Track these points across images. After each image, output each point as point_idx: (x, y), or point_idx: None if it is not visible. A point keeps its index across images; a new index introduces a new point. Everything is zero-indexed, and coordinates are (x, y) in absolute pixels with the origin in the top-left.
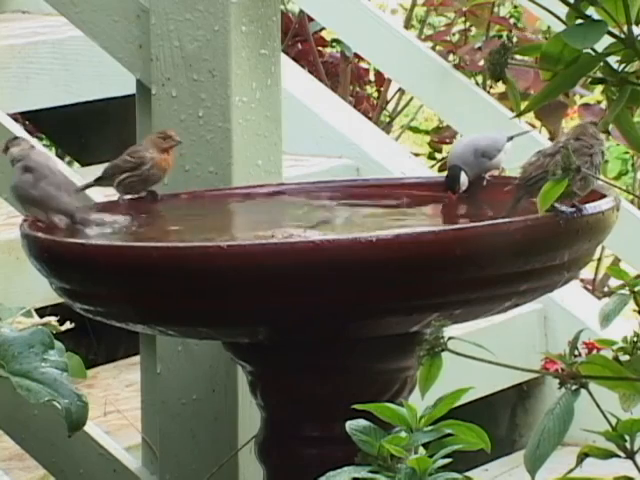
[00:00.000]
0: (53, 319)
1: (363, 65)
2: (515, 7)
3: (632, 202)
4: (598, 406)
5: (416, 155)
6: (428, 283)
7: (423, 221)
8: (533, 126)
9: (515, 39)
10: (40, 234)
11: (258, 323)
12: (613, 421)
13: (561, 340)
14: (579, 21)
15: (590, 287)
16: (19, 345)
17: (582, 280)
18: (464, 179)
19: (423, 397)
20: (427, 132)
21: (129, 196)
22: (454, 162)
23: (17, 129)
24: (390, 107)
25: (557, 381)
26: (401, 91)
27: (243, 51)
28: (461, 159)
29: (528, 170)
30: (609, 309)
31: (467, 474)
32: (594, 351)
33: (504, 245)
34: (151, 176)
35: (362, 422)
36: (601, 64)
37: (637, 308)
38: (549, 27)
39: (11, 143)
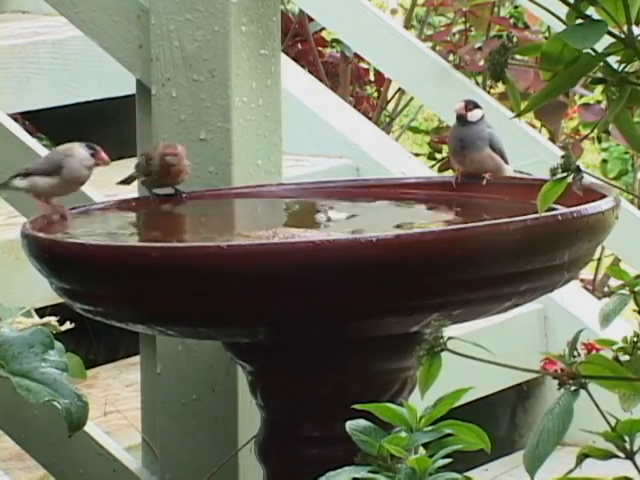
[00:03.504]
0: (53, 319)
1: (363, 65)
2: (515, 7)
3: (632, 202)
4: (597, 406)
5: (416, 155)
6: (428, 283)
7: (423, 221)
8: (533, 126)
9: (515, 39)
10: (40, 234)
11: (258, 323)
12: (612, 421)
13: (561, 340)
14: (579, 21)
15: (590, 287)
16: (19, 345)
17: (582, 280)
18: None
19: (423, 397)
20: (427, 132)
21: (160, 191)
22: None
23: (17, 129)
24: (390, 107)
25: (557, 381)
26: (401, 91)
27: (243, 51)
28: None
29: None
30: (609, 309)
31: (467, 474)
32: (593, 352)
33: (504, 245)
34: (162, 178)
35: (362, 422)
36: (601, 64)
37: (637, 308)
38: (549, 27)
39: None
